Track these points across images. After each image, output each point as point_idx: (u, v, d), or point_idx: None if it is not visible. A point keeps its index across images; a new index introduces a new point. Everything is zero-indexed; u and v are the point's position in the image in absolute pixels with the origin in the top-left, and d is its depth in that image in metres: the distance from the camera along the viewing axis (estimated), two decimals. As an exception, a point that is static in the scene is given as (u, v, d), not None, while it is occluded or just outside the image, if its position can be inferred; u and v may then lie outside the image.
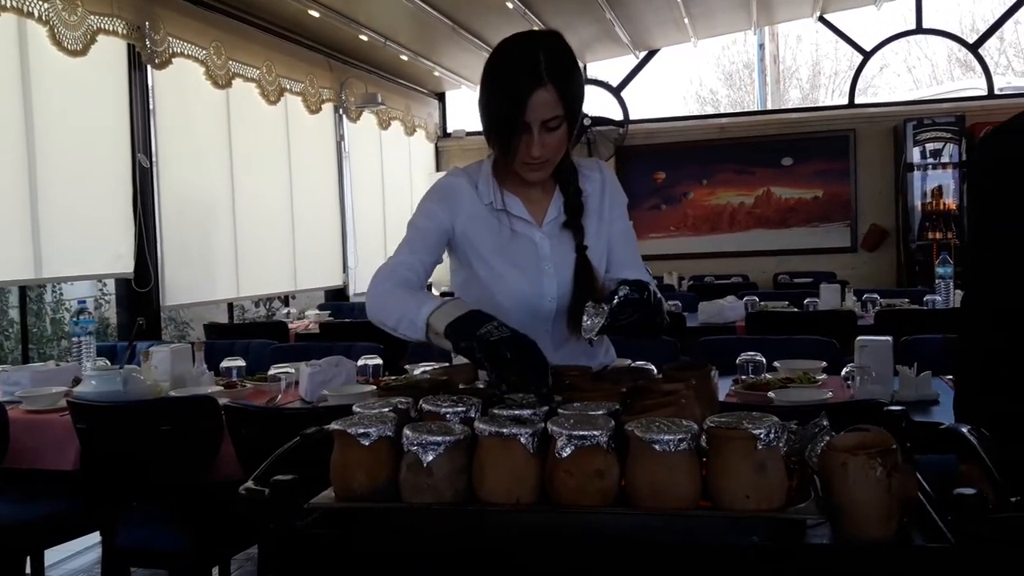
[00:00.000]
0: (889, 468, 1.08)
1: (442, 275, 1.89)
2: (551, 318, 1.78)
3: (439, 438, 1.15)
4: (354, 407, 1.32)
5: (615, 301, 1.55)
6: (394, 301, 1.63)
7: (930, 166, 7.94)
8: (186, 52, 5.15)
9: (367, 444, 1.19)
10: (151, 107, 5.16)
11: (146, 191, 5.09)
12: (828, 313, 4.72)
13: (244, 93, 5.85)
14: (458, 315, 1.47)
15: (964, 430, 1.35)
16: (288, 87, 6.25)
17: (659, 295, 1.61)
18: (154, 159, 5.17)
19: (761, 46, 11.09)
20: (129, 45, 4.91)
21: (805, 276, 7.57)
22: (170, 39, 4.99)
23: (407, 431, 1.17)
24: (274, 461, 1.45)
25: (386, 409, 1.28)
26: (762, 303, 5.11)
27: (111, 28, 4.59)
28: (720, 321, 4.61)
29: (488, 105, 1.67)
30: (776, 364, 2.93)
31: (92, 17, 4.44)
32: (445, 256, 1.87)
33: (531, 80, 1.59)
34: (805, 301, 5.02)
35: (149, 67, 5.03)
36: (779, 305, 5.12)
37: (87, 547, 3.84)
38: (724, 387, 2.78)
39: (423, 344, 3.42)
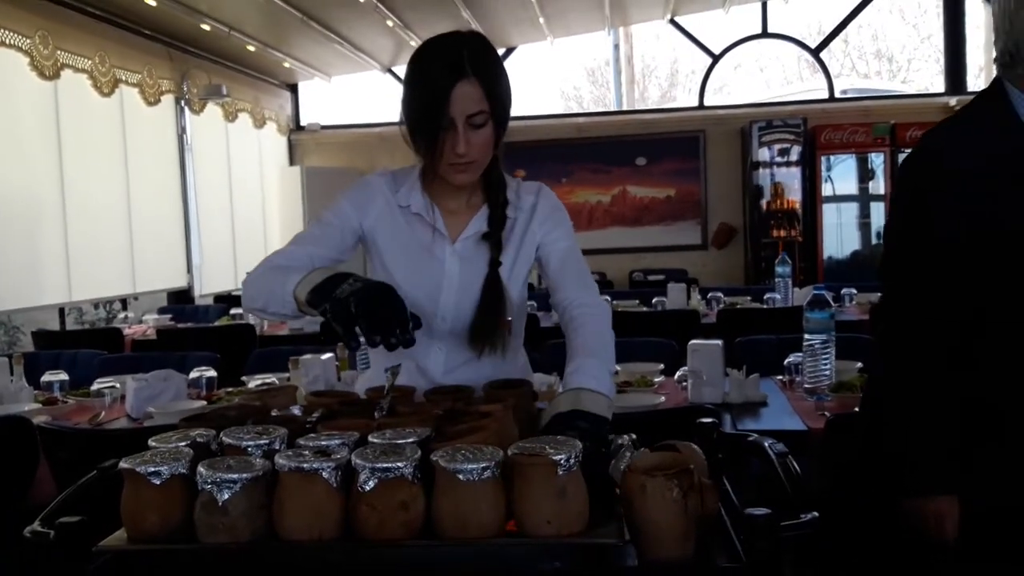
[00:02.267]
0: (686, 489, 1.10)
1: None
2: (444, 337, 1.71)
3: (235, 475, 1.10)
4: (149, 441, 1.24)
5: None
6: (262, 282, 1.56)
7: (776, 165, 8.32)
8: (8, 41, 4.80)
9: (159, 483, 1.12)
10: (-33, 99, 4.79)
11: (-37, 189, 4.72)
12: (673, 312, 4.86)
13: (75, 84, 5.51)
14: (319, 281, 1.42)
15: (765, 444, 1.41)
16: (124, 78, 5.93)
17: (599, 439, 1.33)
18: (-29, 155, 4.79)
19: (616, 46, 11.34)
20: (-59, 32, 4.54)
21: (659, 273, 7.79)
22: (-11, 26, 4.64)
23: (201, 468, 1.11)
24: (68, 498, 1.37)
25: (182, 444, 1.21)
26: (614, 303, 5.22)
27: (-81, 13, 4.22)
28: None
29: (411, 100, 1.60)
30: (617, 368, 2.98)
31: None
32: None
33: (454, 73, 1.54)
34: (654, 300, 5.16)
35: (-36, 56, 4.66)
36: (631, 304, 5.24)
37: None
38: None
39: (265, 356, 3.30)
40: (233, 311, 5.50)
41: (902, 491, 1.60)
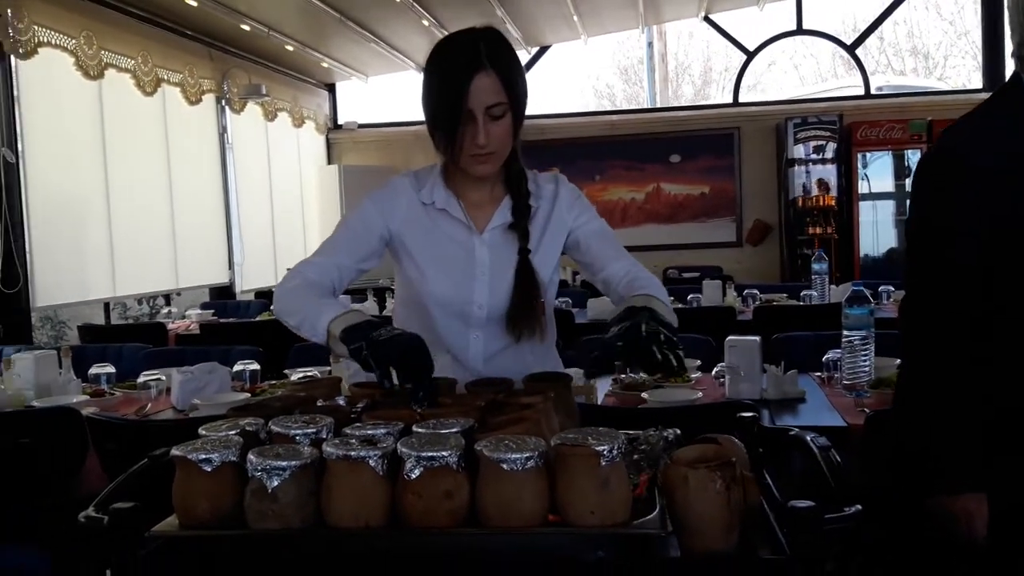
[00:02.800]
0: (728, 481, 1.11)
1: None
2: (482, 325, 1.74)
3: (284, 463, 1.12)
4: (200, 429, 1.27)
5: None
6: (299, 303, 1.60)
7: (811, 162, 8.24)
8: (54, 41, 4.90)
9: (210, 470, 1.15)
10: (16, 97, 4.89)
11: (11, 187, 4.82)
12: (709, 309, 4.84)
13: (118, 84, 5.61)
14: (356, 322, 1.48)
15: (808, 438, 1.41)
16: (166, 78, 6.03)
17: (655, 324, 1.44)
18: (20, 154, 4.90)
19: (650, 44, 11.29)
20: (-10, 34, 4.65)
21: (693, 271, 7.76)
22: (36, 28, 4.74)
23: (251, 456, 1.14)
24: (120, 484, 1.40)
25: (232, 432, 1.23)
26: (649, 299, 5.20)
27: (-31, 16, 4.33)
28: (608, 318, 4.65)
29: (431, 95, 1.64)
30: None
31: (-51, 4, 4.18)
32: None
33: (472, 65, 1.58)
34: (689, 297, 5.14)
35: (13, 57, 4.76)
36: (665, 301, 5.22)
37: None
38: (603, 387, 2.82)
39: (306, 350, 3.34)
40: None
41: (930, 489, 1.59)
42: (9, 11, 4.57)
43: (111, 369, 3.23)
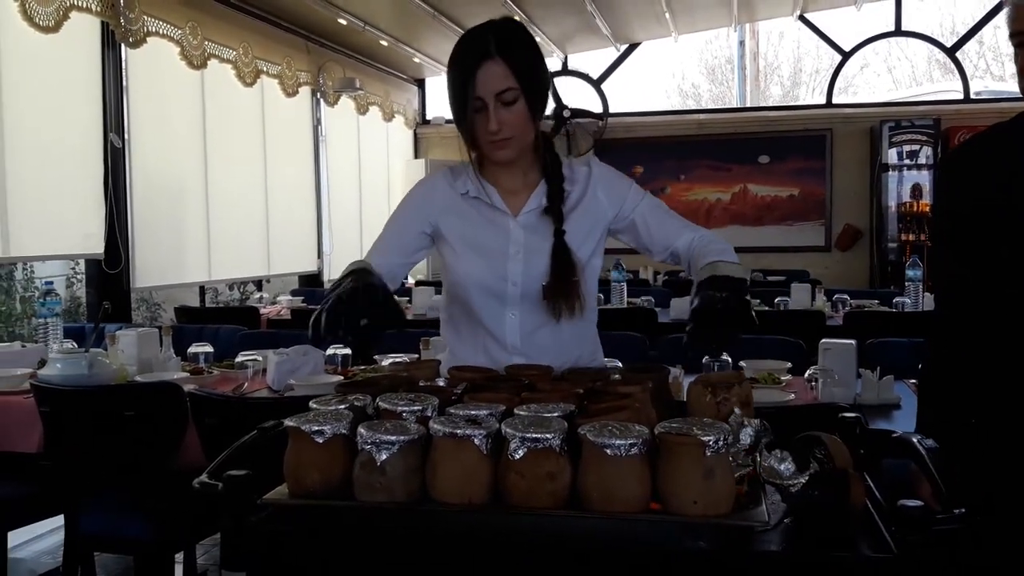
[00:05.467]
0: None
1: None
2: (516, 303, 1.78)
3: (393, 437, 1.15)
4: (310, 403, 1.31)
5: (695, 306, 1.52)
6: None
7: (905, 167, 8.01)
8: (161, 31, 5.09)
9: (321, 442, 1.19)
10: (124, 86, 5.09)
11: (118, 171, 5.03)
12: (798, 313, 4.76)
13: (220, 74, 5.79)
14: (345, 271, 1.60)
15: (914, 439, 1.37)
16: (265, 69, 6.19)
17: (737, 289, 1.54)
18: (126, 139, 5.10)
19: (741, 43, 11.12)
20: (103, 23, 4.84)
21: (779, 274, 7.61)
22: (145, 18, 4.93)
23: (361, 429, 1.17)
24: (230, 454, 1.45)
25: (342, 406, 1.27)
26: (734, 300, 5.13)
27: (84, 5, 4.52)
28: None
29: (448, 88, 1.71)
30: (743, 364, 2.95)
31: (65, -7, 4.38)
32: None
33: (479, 54, 1.64)
34: (776, 300, 5.06)
35: (123, 46, 4.96)
36: (751, 303, 5.14)
37: (51, 529, 3.81)
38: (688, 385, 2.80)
39: (393, 338, 3.41)
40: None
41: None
42: (121, 1, 4.76)
43: (209, 348, 3.35)
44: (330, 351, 3.13)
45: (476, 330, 1.81)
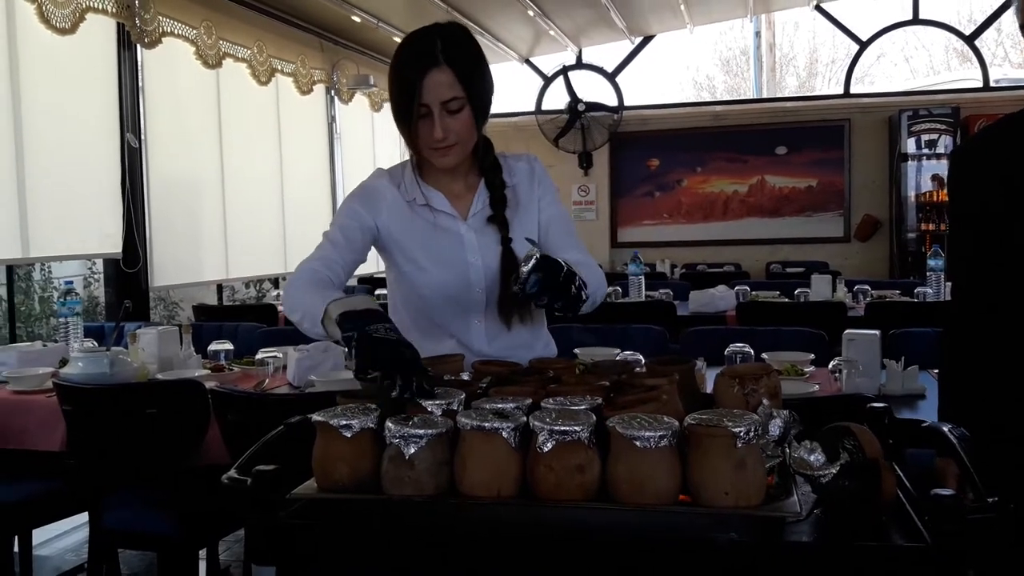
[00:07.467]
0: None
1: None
2: (481, 309, 1.79)
3: (421, 431, 1.15)
4: (338, 397, 1.31)
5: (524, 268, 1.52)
6: (301, 296, 1.63)
7: (924, 157, 7.95)
8: (176, 31, 5.10)
9: (349, 436, 1.19)
10: (140, 86, 5.12)
11: (134, 171, 5.06)
12: (819, 304, 4.72)
13: (234, 73, 5.81)
14: (355, 308, 1.43)
15: (945, 429, 1.36)
16: (279, 68, 6.20)
17: (573, 270, 1.55)
18: (143, 139, 5.13)
19: (757, 34, 11.05)
20: (118, 24, 4.87)
21: (798, 265, 7.58)
22: (160, 18, 4.95)
23: (389, 423, 1.17)
24: (257, 450, 1.45)
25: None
26: (753, 293, 5.12)
27: (100, 6, 4.54)
28: (711, 311, 4.61)
29: (391, 91, 1.70)
30: (764, 356, 2.93)
31: (81, -5, 4.40)
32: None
33: (426, 62, 1.63)
34: (796, 291, 5.02)
35: (138, 46, 4.98)
36: (770, 295, 5.12)
37: (75, 527, 3.84)
38: (712, 378, 2.78)
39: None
40: (378, 292, 5.68)
41: None
42: (136, 1, 4.78)
43: (229, 346, 3.36)
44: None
45: (441, 338, 1.80)
